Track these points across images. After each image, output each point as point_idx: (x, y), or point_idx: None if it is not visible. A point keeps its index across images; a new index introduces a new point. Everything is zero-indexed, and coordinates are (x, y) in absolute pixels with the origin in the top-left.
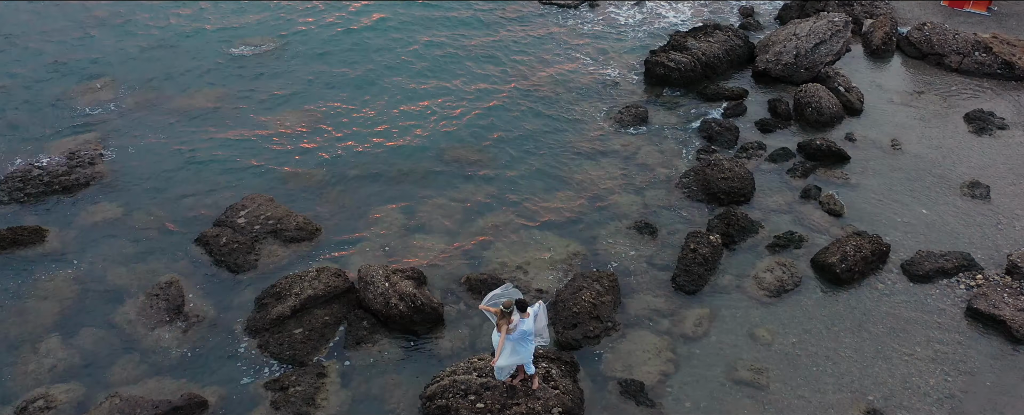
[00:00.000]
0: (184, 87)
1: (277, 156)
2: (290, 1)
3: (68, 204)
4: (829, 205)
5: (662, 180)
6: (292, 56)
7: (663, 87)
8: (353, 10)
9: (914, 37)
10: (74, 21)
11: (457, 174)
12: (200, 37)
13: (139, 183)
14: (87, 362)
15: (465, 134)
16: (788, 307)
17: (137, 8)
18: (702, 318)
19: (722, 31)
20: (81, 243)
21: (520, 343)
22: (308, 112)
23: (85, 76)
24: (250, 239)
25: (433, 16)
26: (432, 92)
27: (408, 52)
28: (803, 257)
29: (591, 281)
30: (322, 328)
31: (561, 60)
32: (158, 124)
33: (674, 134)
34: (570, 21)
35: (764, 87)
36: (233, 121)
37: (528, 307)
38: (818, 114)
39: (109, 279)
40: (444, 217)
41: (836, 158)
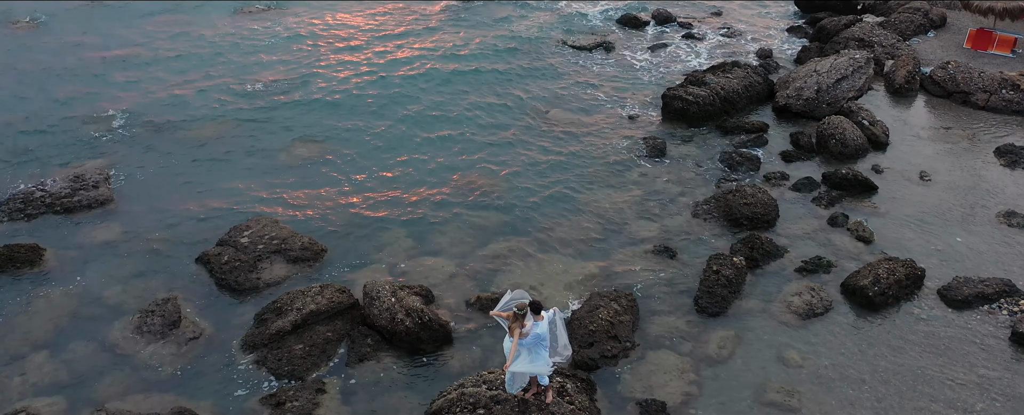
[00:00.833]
0: (195, 118)
1: (285, 183)
2: (310, 46)
3: (69, 225)
4: (858, 232)
5: (681, 207)
6: (306, 91)
7: (681, 121)
8: (368, 48)
9: (938, 76)
10: (90, 59)
11: (470, 201)
12: (216, 72)
13: (143, 206)
14: (74, 377)
15: (479, 163)
16: (819, 330)
17: (157, 45)
18: (727, 340)
19: (741, 68)
20: (78, 262)
21: (534, 349)
22: (319, 143)
23: (96, 107)
24: (252, 258)
25: (448, 52)
26: (446, 123)
27: (423, 84)
28: (832, 282)
29: (608, 300)
30: (323, 344)
31: (576, 96)
32: (166, 152)
33: (693, 164)
34: (585, 62)
35: (785, 122)
36: (241, 150)
37: (542, 311)
38: (842, 146)
39: (104, 297)
40: (455, 241)
41: (863, 188)
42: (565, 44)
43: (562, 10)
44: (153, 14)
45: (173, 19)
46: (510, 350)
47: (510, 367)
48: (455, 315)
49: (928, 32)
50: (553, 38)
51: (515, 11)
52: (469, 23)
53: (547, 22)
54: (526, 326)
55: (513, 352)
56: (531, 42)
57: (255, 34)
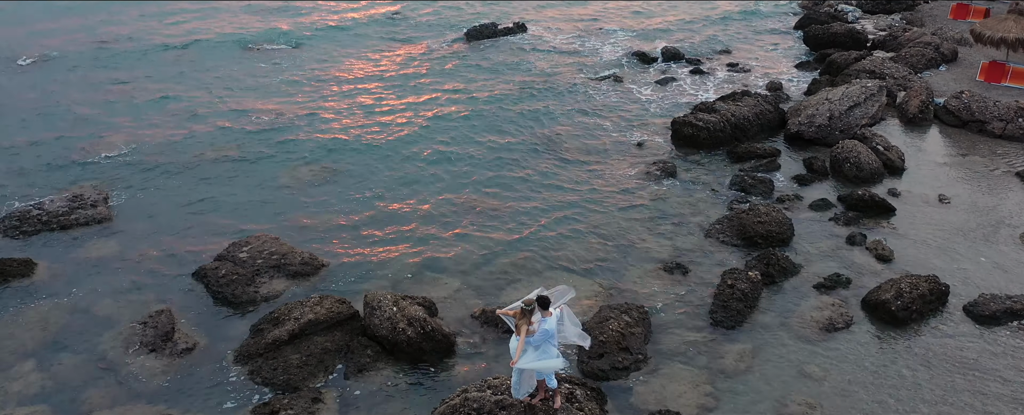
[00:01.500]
0: (198, 145)
1: (287, 203)
2: (318, 83)
3: (64, 241)
4: (877, 251)
5: (693, 227)
6: (312, 122)
7: (691, 147)
8: (376, 84)
9: (952, 105)
10: (96, 92)
11: (476, 221)
12: (222, 106)
13: (140, 225)
14: (61, 386)
15: (485, 186)
16: (840, 345)
17: (164, 79)
18: (744, 354)
19: (751, 96)
20: (71, 276)
21: (543, 346)
22: (322, 167)
23: (99, 134)
24: (251, 272)
25: (455, 86)
26: (452, 149)
27: (428, 114)
28: (852, 298)
29: (619, 313)
30: (321, 354)
31: (584, 124)
32: (166, 174)
33: (704, 187)
34: (593, 94)
35: (797, 148)
36: (243, 173)
37: (551, 306)
38: (857, 169)
39: (96, 309)
40: (460, 259)
41: (880, 209)
42: (573, 81)
43: (569, 47)
44: (164, 51)
45: (181, 55)
46: (516, 348)
47: (517, 363)
48: (459, 327)
49: (939, 66)
50: (560, 72)
51: (521, 49)
52: (475, 60)
53: (554, 58)
54: (533, 323)
55: (520, 348)
56: (538, 75)
57: (263, 71)
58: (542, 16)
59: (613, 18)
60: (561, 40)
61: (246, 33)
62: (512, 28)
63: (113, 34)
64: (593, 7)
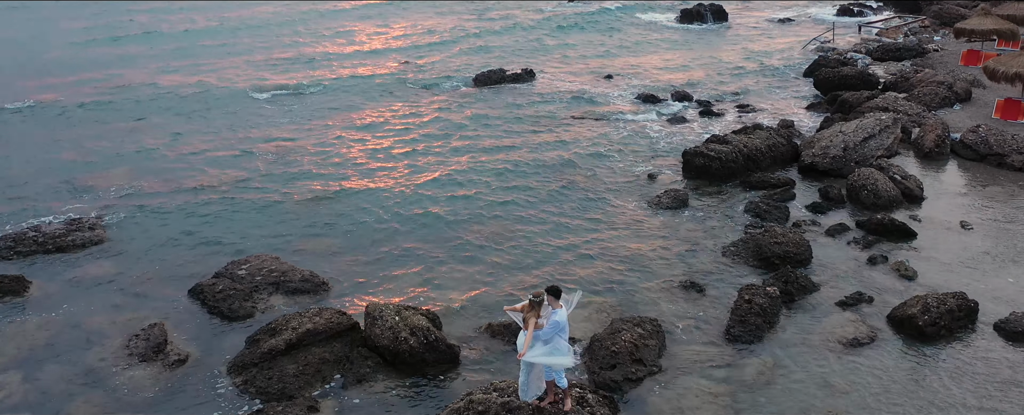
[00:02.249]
0: (202, 174)
1: (290, 230)
2: (328, 125)
3: (59, 262)
4: (900, 270)
5: (707, 250)
6: (320, 157)
7: (702, 178)
8: (385, 126)
9: (969, 139)
10: (104, 126)
11: (482, 244)
12: (227, 142)
13: (138, 246)
14: (45, 396)
15: (494, 212)
16: (866, 359)
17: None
18: (765, 367)
19: (763, 130)
20: (65, 293)
21: (553, 340)
22: (328, 193)
23: (102, 167)
24: (249, 288)
25: (466, 126)
26: (461, 179)
27: (438, 150)
28: (877, 314)
29: (632, 325)
30: (318, 364)
31: (594, 156)
32: (168, 201)
33: (717, 214)
34: (602, 131)
35: (812, 179)
36: (245, 199)
37: (561, 297)
38: (875, 196)
39: (87, 324)
40: (465, 279)
41: (901, 233)
42: (582, 117)
43: (576, 90)
44: (175, 98)
45: (192, 100)
46: (524, 342)
47: (525, 356)
48: (464, 340)
49: (954, 105)
50: (567, 111)
51: (528, 92)
52: (483, 101)
53: (561, 99)
54: (542, 316)
55: (528, 341)
56: (545, 114)
57: (271, 113)
58: (549, 65)
59: (620, 67)
60: (568, 85)
61: (258, 83)
62: (520, 74)
63: (127, 79)
64: (600, 59)
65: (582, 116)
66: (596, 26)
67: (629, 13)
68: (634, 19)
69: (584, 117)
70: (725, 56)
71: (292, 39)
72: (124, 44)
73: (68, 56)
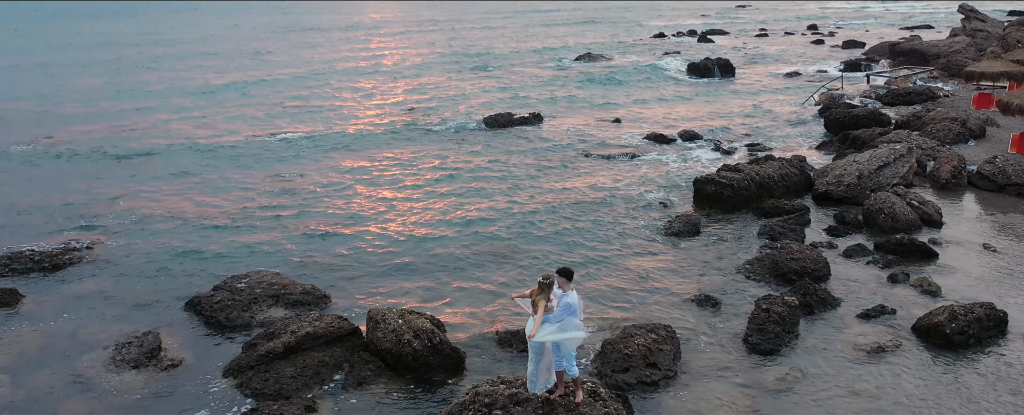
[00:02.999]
0: (206, 204)
1: (292, 248)
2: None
3: (54, 278)
4: (923, 286)
5: (721, 269)
6: (326, 186)
7: (714, 206)
8: (398, 182)
9: (986, 170)
10: (110, 164)
11: (492, 262)
12: (230, 183)
13: (137, 265)
14: (32, 399)
15: (502, 234)
16: (892, 367)
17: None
18: (786, 374)
19: (776, 160)
20: (59, 306)
21: (564, 321)
22: (335, 222)
23: (106, 196)
24: (248, 300)
25: (476, 165)
26: (471, 207)
27: (448, 186)
28: (901, 325)
29: (645, 331)
30: (318, 367)
31: (603, 187)
32: (169, 225)
33: (731, 237)
34: (611, 165)
35: (827, 207)
36: (248, 225)
37: (572, 278)
38: (893, 220)
39: (80, 333)
40: (473, 291)
41: (922, 254)
42: (590, 154)
43: (584, 132)
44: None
45: (202, 145)
46: (534, 323)
47: (536, 336)
48: (469, 347)
49: (968, 141)
50: (576, 149)
51: (537, 134)
52: (492, 141)
53: (570, 139)
54: (552, 299)
55: (538, 323)
56: (554, 151)
57: (280, 148)
58: (556, 111)
59: (627, 113)
60: (576, 128)
61: (268, 128)
62: (528, 118)
63: (136, 125)
64: (607, 107)
65: (590, 153)
66: (603, 77)
67: (636, 66)
68: (641, 71)
69: (592, 154)
70: (733, 103)
71: (305, 91)
72: (138, 98)
73: (80, 108)
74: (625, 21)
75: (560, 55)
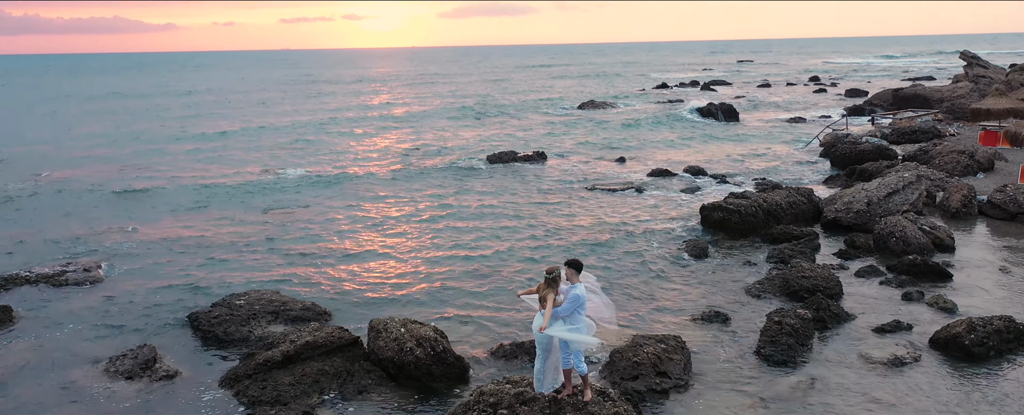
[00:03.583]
0: (205, 229)
1: (293, 273)
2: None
3: (50, 296)
4: (939, 304)
5: (731, 289)
6: (326, 221)
7: (721, 232)
8: (398, 218)
9: (997, 199)
10: (112, 198)
11: (496, 283)
12: (233, 204)
13: (134, 285)
14: (22, 407)
15: (506, 259)
16: (910, 378)
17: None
18: (800, 385)
19: (783, 189)
20: (53, 322)
21: (572, 317)
22: (339, 250)
23: (106, 225)
24: (246, 315)
25: (481, 202)
26: (475, 229)
27: (452, 207)
28: (918, 339)
29: (655, 341)
30: (317, 375)
31: (607, 216)
32: (169, 248)
33: (739, 261)
34: (616, 199)
35: (836, 234)
36: (248, 249)
37: (582, 270)
38: (904, 244)
39: (74, 348)
40: (479, 308)
41: (935, 275)
42: (595, 188)
43: (588, 169)
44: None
45: (204, 185)
46: (543, 318)
47: (546, 330)
48: (474, 360)
49: (977, 174)
50: (580, 184)
51: (541, 170)
52: (495, 176)
53: (574, 174)
54: (560, 293)
55: (548, 317)
56: (558, 186)
57: (283, 182)
58: (560, 149)
59: (631, 152)
60: (580, 165)
61: (273, 167)
62: (532, 156)
63: (141, 166)
64: (611, 146)
65: (595, 187)
66: (605, 121)
67: (639, 112)
68: (644, 115)
69: (596, 187)
70: (738, 145)
71: (309, 135)
72: (141, 142)
73: (83, 151)
74: (628, 75)
75: (563, 103)
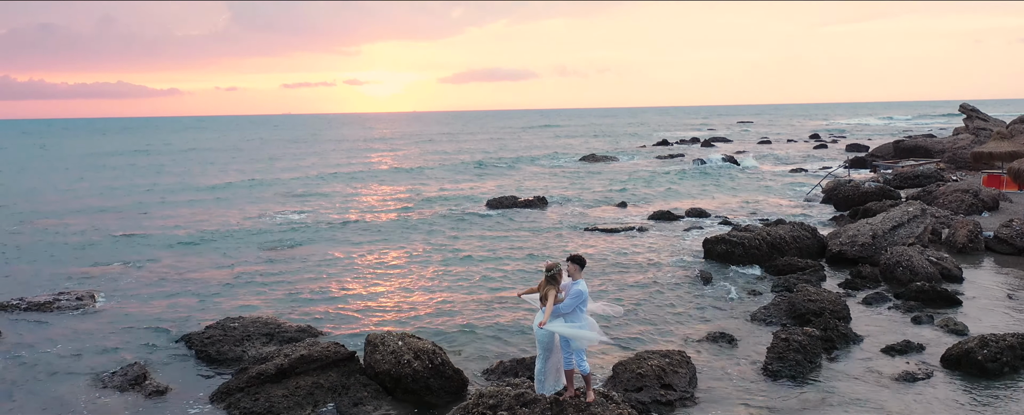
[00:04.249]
0: (202, 260)
1: (289, 303)
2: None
3: (41, 320)
4: (949, 326)
5: (736, 315)
6: (324, 261)
7: (724, 264)
8: (396, 264)
9: (1004, 234)
10: (109, 236)
11: (495, 314)
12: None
13: (127, 311)
14: None
15: (510, 287)
16: (924, 393)
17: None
18: (809, 399)
19: (787, 224)
20: (43, 343)
21: (573, 314)
22: (331, 277)
23: (101, 261)
24: (240, 336)
25: (481, 230)
26: (476, 265)
27: (452, 246)
28: (930, 358)
29: (659, 356)
30: (311, 387)
31: (609, 254)
32: (162, 281)
33: (744, 289)
34: (618, 238)
35: (841, 267)
36: (242, 282)
37: (584, 266)
38: (912, 273)
39: (63, 365)
40: (478, 341)
41: (944, 301)
42: (596, 229)
43: (590, 212)
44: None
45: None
46: (544, 314)
47: (547, 325)
48: (475, 377)
49: (982, 212)
50: (584, 224)
51: (542, 214)
52: (496, 219)
53: (576, 217)
54: (562, 290)
55: (548, 313)
56: (562, 228)
57: (282, 224)
58: (560, 195)
59: (632, 197)
60: (581, 209)
61: (273, 209)
62: (532, 201)
63: (139, 213)
64: (611, 191)
65: (596, 227)
66: (606, 172)
67: (639, 164)
68: (645, 166)
69: (598, 228)
70: (739, 192)
71: (311, 186)
72: (139, 193)
73: (80, 202)
74: (629, 134)
75: (565, 157)
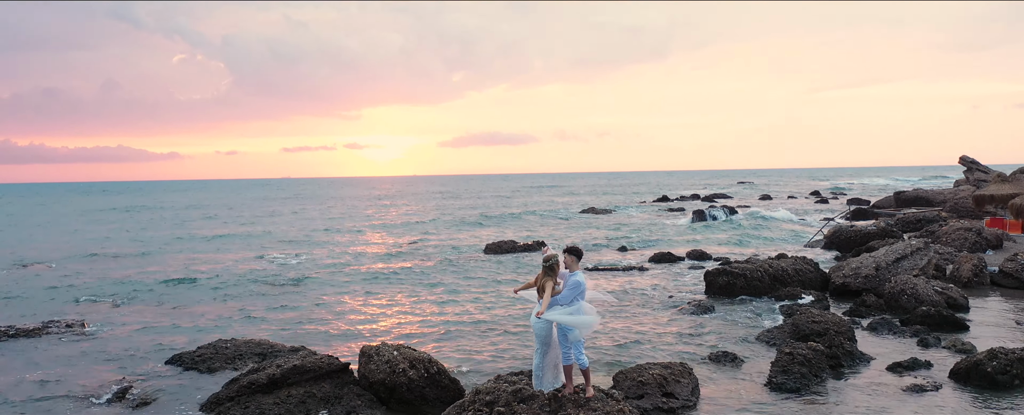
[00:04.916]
0: (198, 295)
1: (284, 335)
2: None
3: (27, 344)
4: (957, 346)
5: (739, 337)
6: (317, 284)
7: (726, 296)
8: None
9: (1008, 268)
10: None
11: (498, 332)
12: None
13: (118, 335)
14: None
15: (505, 319)
16: (932, 404)
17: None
18: (816, 410)
19: (789, 258)
20: (28, 365)
21: (572, 303)
22: (328, 312)
23: (93, 297)
24: (232, 355)
25: (478, 272)
26: (474, 299)
27: (449, 282)
28: (938, 373)
29: (660, 366)
30: (303, 396)
31: (613, 286)
32: (157, 314)
33: (746, 318)
34: (618, 275)
35: (845, 299)
36: (241, 316)
37: (581, 257)
38: (917, 301)
39: (50, 381)
40: (479, 355)
41: (951, 325)
42: (598, 268)
43: (591, 257)
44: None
45: (201, 274)
46: (542, 304)
47: (544, 314)
48: (470, 387)
49: (986, 250)
50: (584, 265)
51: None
52: (494, 262)
53: None
54: (559, 282)
55: (545, 304)
56: None
57: (281, 270)
58: (560, 242)
59: (632, 243)
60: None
61: (269, 252)
62: (531, 246)
63: (136, 257)
64: (612, 239)
65: (598, 268)
66: (606, 222)
67: (639, 216)
68: (645, 219)
69: (599, 268)
70: (740, 241)
71: (310, 234)
72: (137, 244)
73: (76, 249)
74: (630, 192)
75: (565, 211)
